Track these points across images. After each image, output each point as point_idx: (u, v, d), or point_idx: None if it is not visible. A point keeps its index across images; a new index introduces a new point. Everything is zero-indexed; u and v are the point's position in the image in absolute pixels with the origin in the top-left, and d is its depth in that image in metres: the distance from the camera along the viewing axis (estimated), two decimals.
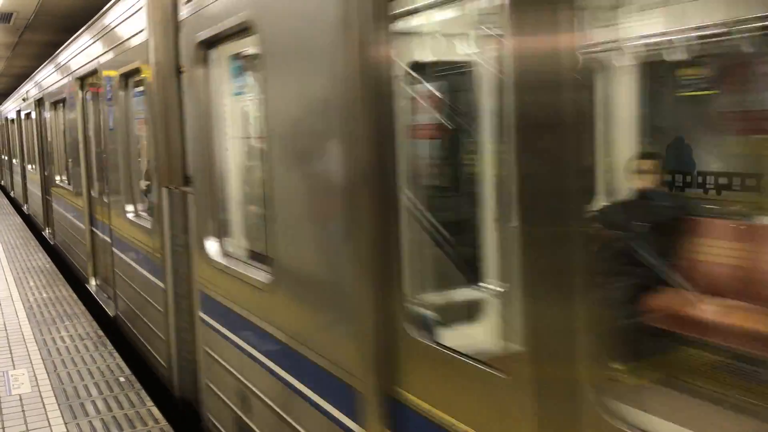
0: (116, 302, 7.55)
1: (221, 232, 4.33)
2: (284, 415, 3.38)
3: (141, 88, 6.01)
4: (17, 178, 20.35)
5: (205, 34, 4.12)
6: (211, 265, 4.33)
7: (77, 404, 5.33)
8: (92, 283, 8.98)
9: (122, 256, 6.95)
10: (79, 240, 9.69)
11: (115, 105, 6.68)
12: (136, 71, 5.85)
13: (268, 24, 3.32)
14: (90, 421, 5.01)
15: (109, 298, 8.02)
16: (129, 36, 5.99)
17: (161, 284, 5.49)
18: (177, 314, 5.21)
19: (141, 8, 5.36)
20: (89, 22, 7.91)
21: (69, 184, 10.39)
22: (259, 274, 3.65)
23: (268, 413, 3.56)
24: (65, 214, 11.02)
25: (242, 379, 3.92)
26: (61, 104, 10.63)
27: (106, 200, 7.69)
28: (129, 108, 6.46)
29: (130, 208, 6.57)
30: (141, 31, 5.41)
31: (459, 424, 2.17)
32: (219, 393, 4.36)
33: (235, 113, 4.35)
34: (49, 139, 12.59)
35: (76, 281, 9.97)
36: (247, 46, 3.87)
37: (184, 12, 4.54)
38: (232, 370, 4.10)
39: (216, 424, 4.47)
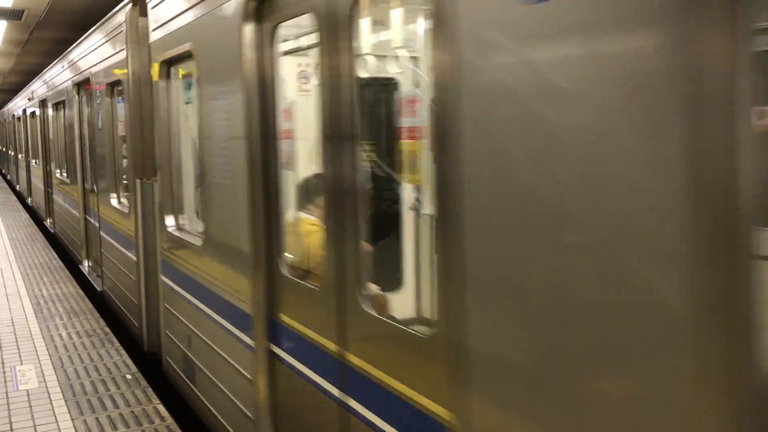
0: (103, 279, 8.75)
1: (176, 210, 5.52)
2: (210, 343, 4.61)
3: (122, 96, 7.12)
4: (22, 173, 21.21)
5: (165, 56, 5.27)
6: (168, 236, 5.53)
7: (84, 400, 5.35)
8: (85, 264, 10.21)
9: (107, 238, 8.23)
10: (75, 227, 10.98)
11: (103, 109, 8.03)
12: (119, 82, 7.02)
13: (201, 52, 4.53)
14: (97, 418, 5.03)
15: (98, 276, 9.21)
16: (113, 52, 7.24)
17: (134, 257, 6.69)
18: (146, 281, 6.45)
19: (122, 31, 6.56)
20: (83, 37, 9.29)
21: (67, 177, 11.57)
22: (196, 240, 4.87)
23: (202, 345, 4.77)
24: (63, 204, 12.28)
25: (187, 323, 5.10)
26: (61, 105, 11.69)
27: (95, 191, 9.04)
28: (114, 112, 7.66)
29: (113, 197, 7.79)
30: (122, 50, 6.49)
31: (307, 330, 3.33)
32: (173, 338, 5.52)
33: (186, 118, 5.40)
34: (51, 136, 13.68)
35: (72, 265, 10.94)
36: (191, 66, 5.06)
37: (153, 37, 5.67)
38: (181, 317, 5.25)
39: (171, 363, 5.66)
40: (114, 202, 7.75)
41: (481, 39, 1.94)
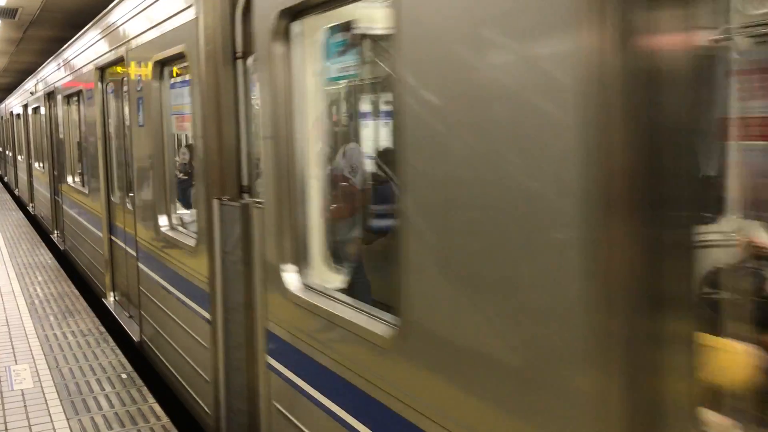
0: (142, 326, 6.38)
1: (306, 255, 3.45)
2: (170, 316, 4.97)
3: (182, 78, 5.30)
4: (22, 175, 19.00)
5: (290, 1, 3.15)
6: (292, 303, 3.38)
7: (79, 400, 5.33)
8: (110, 299, 7.94)
9: (151, 274, 5.86)
10: (93, 248, 8.72)
11: (147, 98, 5.56)
12: (176, 58, 4.93)
13: None
14: (92, 417, 5.01)
15: (130, 317, 7.14)
16: (168, 15, 4.92)
17: (205, 315, 4.44)
18: (228, 356, 4.18)
19: None
20: (114, 3, 6.85)
21: (83, 186, 9.55)
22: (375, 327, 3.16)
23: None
24: (77, 217, 10.03)
25: None
26: (76, 98, 9.73)
27: (128, 207, 6.76)
28: (163, 102, 5.39)
29: (162, 219, 5.44)
30: (186, 9, 4.46)
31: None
32: None
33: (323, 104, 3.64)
34: (61, 135, 11.19)
35: (84, 287, 9.38)
36: (357, 17, 3.39)
37: None
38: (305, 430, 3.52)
39: None
40: (164, 226, 5.42)
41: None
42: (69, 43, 10.19)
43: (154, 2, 5.35)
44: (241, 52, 3.89)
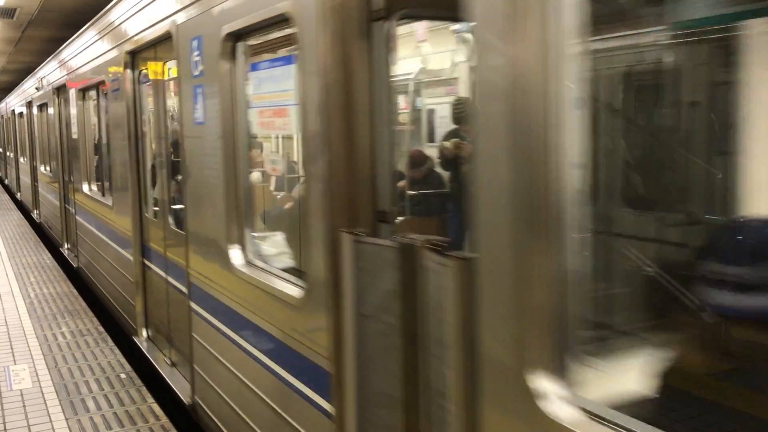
0: (194, 385, 4.90)
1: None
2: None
3: (270, 57, 3.97)
4: (23, 177, 17.93)
5: None
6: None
7: (78, 400, 5.33)
8: (166, 362, 5.86)
9: (223, 332, 4.30)
10: (124, 278, 7.01)
11: (210, 89, 4.23)
12: (271, 24, 3.48)
13: None
14: (91, 417, 5.01)
15: (172, 365, 5.73)
16: None
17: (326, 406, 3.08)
18: None
19: None
20: None
21: (103, 195, 8.14)
22: None
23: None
24: (99, 234, 8.22)
25: None
26: (94, 92, 8.51)
27: (176, 228, 5.40)
28: (235, 94, 3.97)
29: (236, 255, 4.02)
30: None
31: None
32: None
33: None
34: (74, 135, 9.58)
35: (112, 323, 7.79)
36: None
37: None
38: None
39: None
40: (237, 263, 3.99)
41: None
42: (83, 30, 8.81)
43: None
44: (383, 9, 2.65)
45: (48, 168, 13.03)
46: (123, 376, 5.87)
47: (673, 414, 2.28)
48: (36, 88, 13.91)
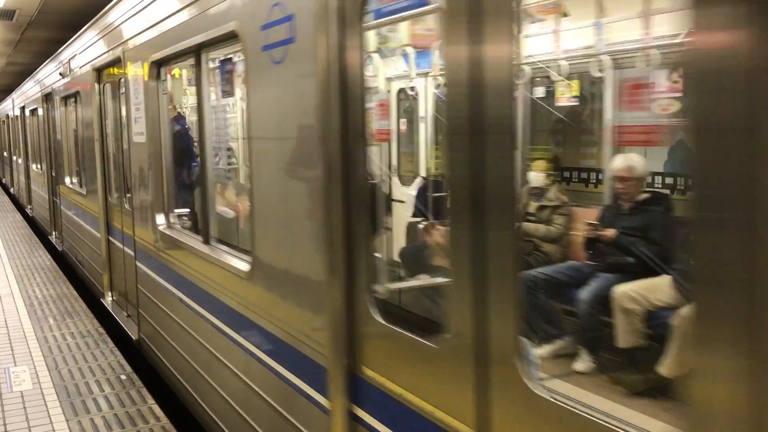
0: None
1: None
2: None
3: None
4: (22, 177, 17.89)
5: None
6: None
7: (78, 401, 5.34)
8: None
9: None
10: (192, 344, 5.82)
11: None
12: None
13: None
14: (92, 419, 5.02)
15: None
16: None
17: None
18: None
19: None
20: None
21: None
22: None
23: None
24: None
25: None
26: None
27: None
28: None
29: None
30: None
31: None
32: None
33: None
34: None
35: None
36: None
37: None
38: None
39: None
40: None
41: None
42: (61, 49, 8.98)
43: None
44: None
45: (39, 166, 14.37)
46: (123, 377, 5.87)
47: None
48: (41, 86, 14.02)
